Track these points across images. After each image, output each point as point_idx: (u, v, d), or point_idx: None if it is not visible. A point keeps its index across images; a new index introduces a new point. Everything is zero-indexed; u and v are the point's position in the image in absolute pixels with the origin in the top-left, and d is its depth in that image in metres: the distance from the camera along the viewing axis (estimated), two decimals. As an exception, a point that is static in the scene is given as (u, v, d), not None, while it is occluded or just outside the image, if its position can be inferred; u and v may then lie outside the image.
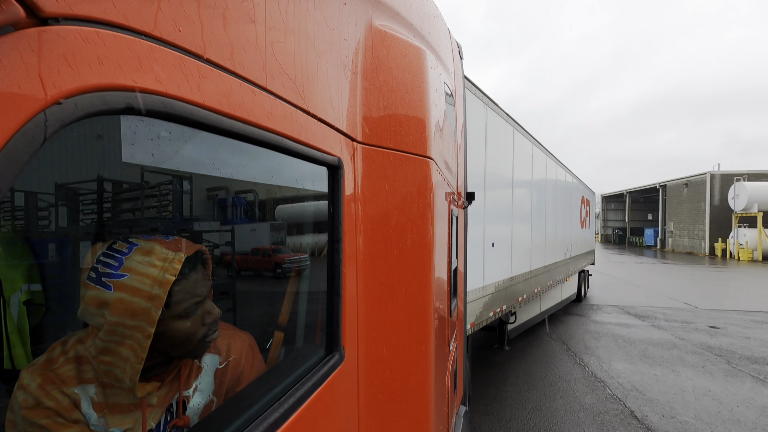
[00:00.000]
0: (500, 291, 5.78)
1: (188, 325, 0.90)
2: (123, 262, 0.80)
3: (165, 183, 1.73)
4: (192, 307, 0.90)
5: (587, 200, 13.47)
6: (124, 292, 0.78)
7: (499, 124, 5.77)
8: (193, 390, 1.00)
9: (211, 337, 0.95)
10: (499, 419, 4.93)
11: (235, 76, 0.68)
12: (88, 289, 0.80)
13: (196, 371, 1.02)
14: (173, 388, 0.97)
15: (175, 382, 0.97)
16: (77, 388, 0.87)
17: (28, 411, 0.83)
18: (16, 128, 0.38)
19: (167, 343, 0.90)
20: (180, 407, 0.97)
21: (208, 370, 1.04)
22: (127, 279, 0.79)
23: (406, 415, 1.33)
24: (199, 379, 1.02)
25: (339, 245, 1.09)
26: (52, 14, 0.41)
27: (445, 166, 1.82)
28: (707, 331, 9.18)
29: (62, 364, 0.87)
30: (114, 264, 0.80)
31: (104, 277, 0.79)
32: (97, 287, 0.79)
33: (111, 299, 0.78)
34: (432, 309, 1.41)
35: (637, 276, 19.37)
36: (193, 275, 0.90)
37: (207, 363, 1.04)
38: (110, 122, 0.86)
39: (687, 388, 5.89)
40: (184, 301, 0.88)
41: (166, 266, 0.82)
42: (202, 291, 0.92)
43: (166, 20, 0.55)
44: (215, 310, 0.96)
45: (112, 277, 0.79)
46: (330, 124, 1.04)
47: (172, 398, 0.97)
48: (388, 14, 1.42)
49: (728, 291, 15.13)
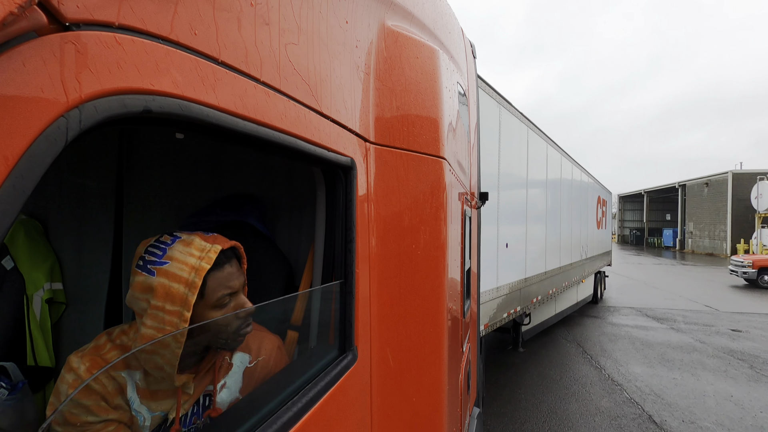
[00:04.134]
0: (514, 292, 5.72)
1: (224, 317, 0.96)
2: (166, 251, 0.89)
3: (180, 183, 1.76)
4: (225, 297, 0.95)
5: (603, 200, 13.22)
6: (165, 277, 0.86)
7: (512, 123, 5.72)
8: (221, 386, 1.05)
9: (244, 330, 1.00)
10: (514, 422, 4.88)
11: (249, 78, 0.69)
12: (136, 275, 0.88)
13: (226, 368, 1.07)
14: (206, 380, 1.03)
15: (209, 375, 1.03)
16: (125, 373, 0.96)
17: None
18: (39, 131, 0.39)
19: (206, 334, 0.96)
20: (214, 397, 1.03)
21: (238, 369, 1.08)
22: (169, 266, 0.87)
23: (419, 416, 1.32)
24: (228, 377, 1.07)
25: (352, 245, 1.09)
26: (73, 20, 0.42)
27: (458, 166, 1.81)
28: (729, 334, 8.92)
29: (109, 350, 0.95)
30: (158, 253, 0.88)
31: (149, 264, 0.87)
32: (143, 273, 0.87)
33: (154, 284, 0.85)
34: (445, 310, 1.41)
35: (655, 278, 18.95)
36: (227, 267, 0.96)
37: (237, 361, 1.09)
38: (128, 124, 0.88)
39: (708, 392, 5.73)
40: (218, 290, 0.93)
41: (202, 255, 0.90)
42: (235, 284, 0.97)
43: (182, 24, 0.56)
44: (248, 305, 1.00)
45: (155, 264, 0.87)
46: (343, 124, 1.04)
47: (203, 390, 1.03)
48: (400, 14, 1.41)
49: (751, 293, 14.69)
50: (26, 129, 0.38)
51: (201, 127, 0.61)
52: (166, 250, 0.89)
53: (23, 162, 0.38)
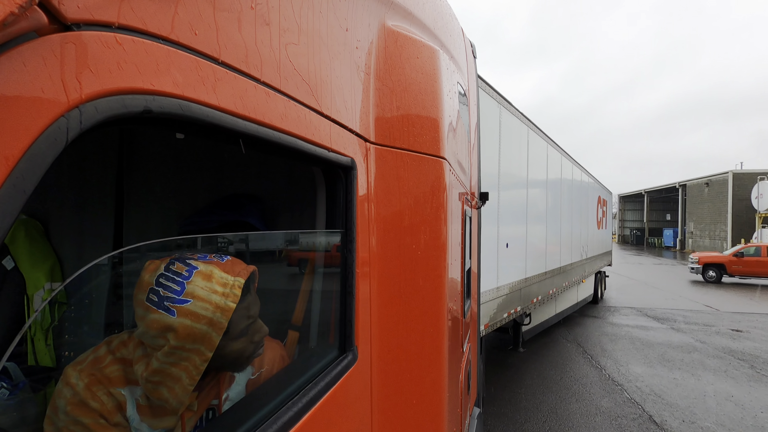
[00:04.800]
0: (514, 292, 5.72)
1: (241, 344, 0.93)
2: (185, 287, 0.80)
3: (180, 183, 1.76)
4: (246, 328, 0.92)
5: (604, 200, 13.22)
6: (188, 318, 0.79)
7: (513, 123, 5.71)
8: (224, 398, 1.02)
9: (257, 353, 0.98)
10: (514, 422, 4.87)
11: (249, 78, 0.69)
12: (149, 312, 0.79)
13: (229, 380, 1.04)
14: (210, 395, 0.99)
15: (213, 390, 1.00)
16: (125, 390, 0.89)
17: (73, 408, 0.85)
18: (40, 131, 0.39)
19: (220, 362, 0.91)
20: (219, 413, 1.00)
21: (240, 380, 1.06)
22: (191, 305, 0.79)
23: (419, 416, 1.32)
24: (231, 389, 1.04)
25: (352, 245, 1.09)
26: (73, 20, 0.42)
27: (458, 166, 1.80)
28: (729, 334, 8.92)
29: (109, 363, 0.89)
30: (176, 288, 0.80)
31: (167, 301, 0.79)
32: (159, 311, 0.79)
33: (175, 324, 0.78)
34: (445, 309, 1.41)
35: (655, 278, 18.94)
36: (248, 297, 0.92)
37: (239, 373, 1.06)
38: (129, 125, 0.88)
39: (708, 392, 5.73)
40: (241, 323, 0.91)
41: (227, 292, 0.83)
42: (255, 311, 0.95)
43: (183, 24, 0.56)
44: (264, 329, 0.98)
45: (175, 302, 0.79)
46: (343, 124, 1.04)
47: (208, 405, 0.99)
48: (401, 14, 1.41)
49: (752, 293, 14.68)
50: (27, 129, 0.38)
51: (201, 127, 0.61)
52: (184, 285, 0.81)
53: (24, 162, 0.38)
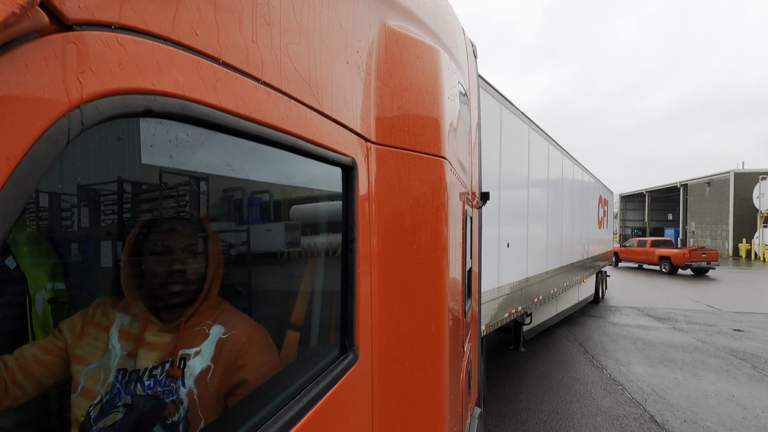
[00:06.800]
0: (515, 292, 5.72)
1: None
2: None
3: (182, 184, 1.76)
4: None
5: (605, 200, 13.20)
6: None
7: (514, 122, 5.71)
8: (196, 352, 1.11)
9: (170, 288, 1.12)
10: (515, 421, 4.87)
11: (250, 78, 0.69)
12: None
13: (203, 336, 1.13)
14: (172, 343, 1.11)
15: (174, 339, 1.11)
16: (118, 314, 1.11)
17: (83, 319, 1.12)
18: (41, 131, 0.39)
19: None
20: (187, 360, 1.11)
21: (212, 338, 1.14)
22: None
23: (420, 416, 1.32)
24: (203, 344, 1.13)
25: (353, 245, 1.09)
26: (75, 20, 0.42)
27: (459, 165, 1.80)
28: (731, 334, 8.90)
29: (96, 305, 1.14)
30: None
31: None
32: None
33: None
34: (446, 309, 1.41)
35: (656, 277, 18.92)
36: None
37: (213, 332, 1.15)
38: (131, 124, 0.88)
39: (710, 392, 5.72)
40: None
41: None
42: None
43: (184, 24, 0.56)
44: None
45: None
46: (344, 124, 1.04)
47: (170, 352, 1.10)
48: (401, 14, 1.41)
49: (753, 293, 14.65)
50: (28, 129, 0.38)
51: (202, 127, 0.61)
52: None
53: (25, 162, 0.38)
